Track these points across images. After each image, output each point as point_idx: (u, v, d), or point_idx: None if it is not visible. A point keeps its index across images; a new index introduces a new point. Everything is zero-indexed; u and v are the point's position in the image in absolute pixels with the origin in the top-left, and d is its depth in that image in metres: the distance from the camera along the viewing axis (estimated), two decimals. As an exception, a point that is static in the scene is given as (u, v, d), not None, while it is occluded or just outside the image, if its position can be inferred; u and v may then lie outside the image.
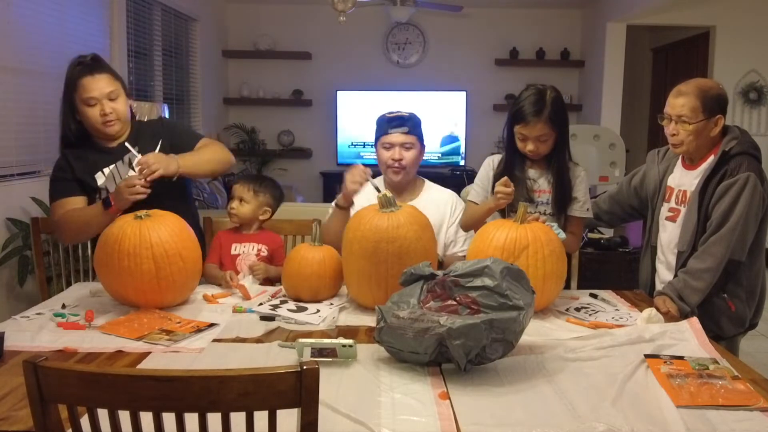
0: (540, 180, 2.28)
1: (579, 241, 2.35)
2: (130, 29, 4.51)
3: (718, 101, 2.13)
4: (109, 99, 2.21)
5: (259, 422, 1.02)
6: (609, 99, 6.05)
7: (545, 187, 2.27)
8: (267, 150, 6.81)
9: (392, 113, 2.35)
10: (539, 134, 2.15)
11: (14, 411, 1.26)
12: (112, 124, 2.23)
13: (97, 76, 2.20)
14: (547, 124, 2.13)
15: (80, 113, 2.23)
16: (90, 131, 2.27)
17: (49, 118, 3.50)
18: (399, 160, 2.30)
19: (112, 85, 2.22)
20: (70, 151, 2.29)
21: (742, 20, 5.82)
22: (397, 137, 2.31)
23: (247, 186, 2.38)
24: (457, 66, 6.86)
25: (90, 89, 2.19)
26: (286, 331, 1.77)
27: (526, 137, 2.18)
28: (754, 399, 1.34)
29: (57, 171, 2.29)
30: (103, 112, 2.20)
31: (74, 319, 1.82)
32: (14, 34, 3.20)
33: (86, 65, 2.22)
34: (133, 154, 2.14)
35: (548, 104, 2.13)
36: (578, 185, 2.26)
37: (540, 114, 2.12)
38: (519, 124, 2.18)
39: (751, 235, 2.12)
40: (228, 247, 2.37)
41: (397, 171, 2.33)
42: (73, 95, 2.21)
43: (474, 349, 1.42)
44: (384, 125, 2.34)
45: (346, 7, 4.83)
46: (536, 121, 2.13)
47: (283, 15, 6.77)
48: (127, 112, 2.29)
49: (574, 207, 2.26)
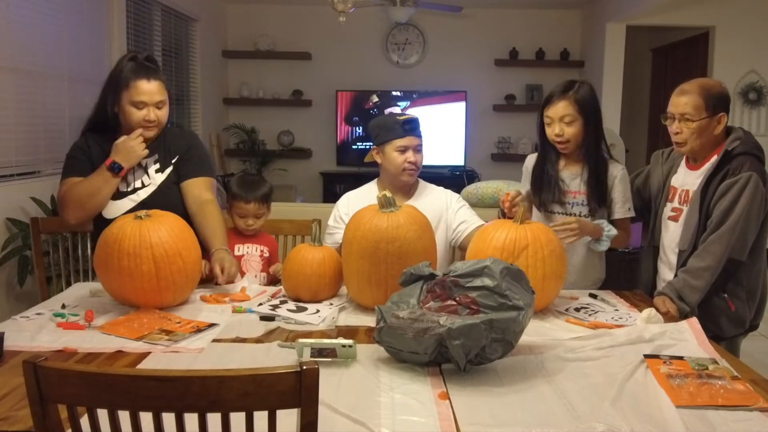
0: (573, 182, 2.27)
1: (629, 236, 2.34)
2: (130, 29, 4.51)
3: (721, 99, 2.14)
4: (156, 107, 2.22)
5: (259, 422, 1.02)
6: (609, 99, 6.05)
7: (580, 188, 2.26)
8: (267, 150, 6.81)
9: (402, 116, 2.35)
10: (563, 114, 2.18)
11: (14, 411, 1.26)
12: (152, 129, 2.25)
13: (152, 81, 2.20)
14: (572, 105, 2.18)
15: (123, 109, 2.22)
16: (123, 124, 2.26)
17: (49, 118, 3.51)
18: (415, 163, 2.34)
19: (162, 93, 2.23)
20: (93, 136, 2.29)
21: (742, 20, 5.81)
22: (411, 140, 2.32)
23: (258, 203, 2.41)
24: (456, 66, 6.86)
25: (143, 93, 2.19)
26: (286, 331, 1.77)
27: (552, 120, 2.21)
28: (753, 399, 1.35)
29: (74, 149, 2.30)
30: (147, 118, 2.21)
31: (74, 319, 1.82)
32: (14, 34, 3.20)
33: (142, 66, 2.22)
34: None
35: (577, 88, 2.20)
36: (617, 185, 2.26)
37: (566, 92, 2.19)
38: (545, 107, 2.23)
39: (752, 235, 2.13)
40: (230, 248, 2.37)
41: (413, 172, 2.36)
42: (122, 91, 2.20)
43: (474, 349, 1.42)
44: (397, 128, 2.32)
45: (346, 7, 4.83)
46: (560, 99, 2.19)
47: (283, 15, 6.77)
48: (167, 120, 2.31)
49: (614, 210, 2.26)
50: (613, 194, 2.26)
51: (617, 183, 2.26)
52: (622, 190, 2.27)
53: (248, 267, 2.35)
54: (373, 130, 2.39)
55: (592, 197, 2.24)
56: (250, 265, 2.36)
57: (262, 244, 2.42)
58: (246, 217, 2.40)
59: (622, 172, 2.28)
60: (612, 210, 2.27)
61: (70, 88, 3.64)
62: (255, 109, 6.87)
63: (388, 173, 2.38)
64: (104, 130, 2.28)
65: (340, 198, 2.48)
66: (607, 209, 2.28)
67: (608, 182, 2.26)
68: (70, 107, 3.60)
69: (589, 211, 2.25)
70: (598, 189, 2.23)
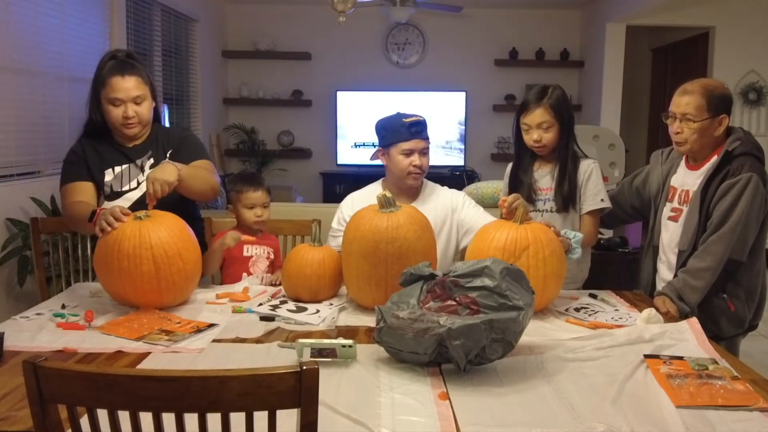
0: (543, 179, 2.31)
1: (595, 234, 2.35)
2: (130, 29, 4.51)
3: (723, 101, 2.14)
4: (134, 102, 2.20)
5: (259, 422, 1.02)
6: (608, 99, 6.05)
7: (550, 185, 2.29)
8: (267, 150, 6.81)
9: (409, 117, 2.28)
10: (540, 121, 2.24)
11: (14, 411, 1.26)
12: (132, 126, 2.24)
13: (127, 77, 2.18)
14: (548, 111, 2.23)
15: (103, 109, 2.23)
16: (110, 127, 2.28)
17: (49, 118, 3.51)
18: (420, 166, 2.29)
19: (140, 89, 2.21)
20: (87, 141, 2.30)
21: (742, 20, 5.82)
22: (418, 143, 2.26)
23: (262, 190, 2.40)
24: (456, 66, 6.86)
25: (117, 90, 2.18)
26: (286, 332, 1.77)
27: (530, 126, 2.26)
28: (753, 399, 1.35)
29: (70, 155, 2.31)
30: (125, 115, 2.20)
31: (74, 319, 1.82)
32: (14, 34, 3.20)
33: (118, 62, 2.21)
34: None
35: (550, 94, 2.24)
36: (588, 178, 2.29)
37: (540, 100, 2.24)
38: (522, 114, 2.28)
39: (751, 235, 2.13)
40: (239, 249, 2.36)
41: (418, 176, 2.32)
42: (100, 90, 2.21)
43: (474, 349, 1.42)
44: (403, 131, 2.26)
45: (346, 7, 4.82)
46: (536, 106, 2.24)
47: (283, 15, 6.77)
48: (150, 116, 2.29)
49: (588, 200, 2.29)
50: (585, 189, 2.30)
51: (589, 177, 2.30)
52: (594, 183, 2.30)
53: (256, 269, 2.35)
54: (378, 131, 2.34)
55: (558, 193, 2.29)
56: (258, 266, 2.36)
57: (268, 245, 2.41)
58: (255, 207, 2.38)
59: (593, 165, 2.31)
60: (582, 205, 2.30)
61: (70, 88, 3.63)
62: (255, 109, 6.87)
63: (393, 175, 2.35)
64: (98, 132, 2.29)
65: (344, 199, 2.44)
66: (579, 206, 2.30)
67: (578, 179, 2.30)
68: (70, 107, 3.60)
69: (556, 208, 2.29)
70: (567, 187, 2.27)
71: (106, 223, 1.88)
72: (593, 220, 2.32)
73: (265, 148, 6.82)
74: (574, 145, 2.31)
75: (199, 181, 2.22)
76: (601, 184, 2.31)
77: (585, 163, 2.32)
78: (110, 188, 2.27)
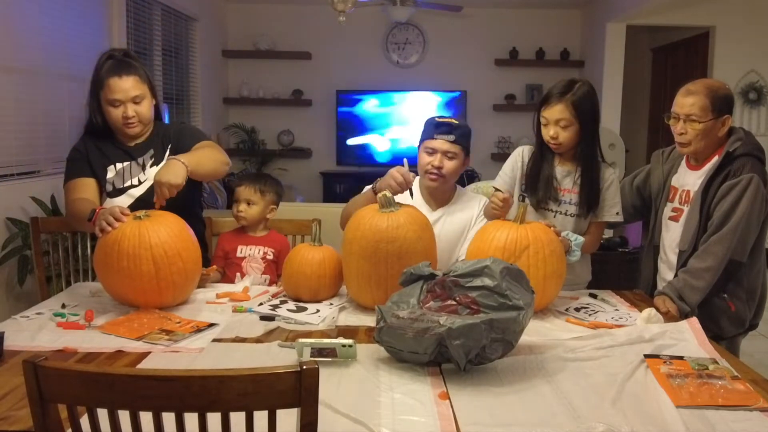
0: (565, 180, 2.23)
1: (598, 243, 2.31)
2: (130, 29, 4.51)
3: (726, 101, 2.14)
4: (133, 102, 2.20)
5: (259, 422, 1.02)
6: (609, 99, 6.04)
7: (571, 187, 2.22)
8: (267, 150, 6.81)
9: (442, 118, 2.24)
10: (559, 117, 2.11)
11: (14, 411, 1.26)
12: (133, 126, 2.24)
13: (125, 77, 2.17)
14: (569, 109, 2.10)
15: (103, 110, 2.23)
16: (111, 128, 2.28)
17: (49, 118, 3.50)
18: (439, 168, 2.20)
19: (139, 88, 2.20)
20: (90, 138, 2.30)
21: (742, 20, 5.81)
22: (442, 144, 2.19)
23: (253, 188, 2.37)
24: (456, 66, 6.86)
25: (115, 91, 2.17)
26: (286, 331, 1.77)
27: (548, 121, 2.15)
28: (753, 399, 1.35)
29: (73, 152, 2.32)
30: (125, 115, 2.19)
31: (74, 319, 1.82)
32: (14, 34, 3.19)
33: (116, 62, 2.21)
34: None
35: (575, 90, 2.11)
36: (608, 188, 2.22)
37: (563, 95, 2.11)
38: (543, 106, 2.16)
39: (752, 236, 2.13)
40: (234, 249, 2.36)
41: (435, 178, 2.22)
42: (99, 91, 2.20)
43: (474, 349, 1.42)
44: (431, 129, 2.23)
45: (346, 7, 4.82)
46: (558, 101, 2.11)
47: (283, 15, 6.77)
48: (151, 115, 2.29)
49: (603, 211, 2.22)
50: (603, 198, 2.22)
51: (608, 188, 2.22)
52: (612, 194, 2.23)
53: (248, 269, 2.34)
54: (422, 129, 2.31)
55: (583, 200, 2.19)
56: (251, 266, 2.35)
57: (267, 246, 2.39)
58: (238, 202, 2.37)
59: (614, 176, 2.24)
60: (599, 213, 2.22)
61: (70, 88, 3.63)
62: (255, 109, 6.86)
63: (420, 175, 2.30)
64: (100, 132, 2.29)
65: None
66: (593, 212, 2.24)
67: (601, 185, 2.21)
68: (70, 107, 3.60)
69: (578, 213, 2.21)
70: (591, 193, 2.18)
71: (106, 223, 1.88)
72: (600, 229, 2.27)
73: (265, 148, 6.82)
74: (598, 151, 2.20)
75: (209, 162, 2.21)
76: (618, 197, 2.24)
77: (608, 171, 2.23)
78: (112, 185, 2.28)
